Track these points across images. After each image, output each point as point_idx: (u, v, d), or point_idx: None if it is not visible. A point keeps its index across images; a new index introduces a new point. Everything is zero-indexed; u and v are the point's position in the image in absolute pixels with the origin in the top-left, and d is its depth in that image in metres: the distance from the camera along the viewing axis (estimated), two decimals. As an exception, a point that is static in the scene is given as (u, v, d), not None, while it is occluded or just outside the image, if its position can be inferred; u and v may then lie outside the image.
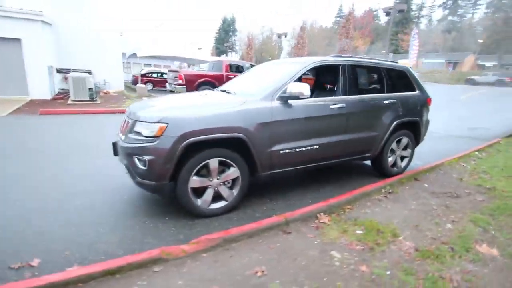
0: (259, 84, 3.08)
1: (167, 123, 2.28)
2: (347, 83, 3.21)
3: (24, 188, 3.01)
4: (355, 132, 3.27)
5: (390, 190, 3.21)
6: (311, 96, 3.00)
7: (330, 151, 3.14)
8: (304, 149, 2.90)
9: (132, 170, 2.42)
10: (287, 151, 2.79)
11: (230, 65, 10.55)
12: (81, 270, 1.68)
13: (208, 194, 2.52)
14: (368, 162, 3.92)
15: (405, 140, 3.76)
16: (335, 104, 3.05)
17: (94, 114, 7.90)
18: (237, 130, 2.48)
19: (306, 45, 46.31)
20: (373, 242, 2.17)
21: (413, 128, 3.82)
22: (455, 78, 33.11)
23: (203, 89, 10.02)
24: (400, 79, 3.77)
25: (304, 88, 2.64)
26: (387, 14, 18.92)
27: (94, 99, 9.22)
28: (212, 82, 10.04)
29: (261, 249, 2.07)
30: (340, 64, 3.20)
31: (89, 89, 8.96)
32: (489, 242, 2.18)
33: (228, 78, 10.33)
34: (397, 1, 70.50)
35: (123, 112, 8.07)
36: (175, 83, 9.91)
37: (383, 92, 3.54)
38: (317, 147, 2.98)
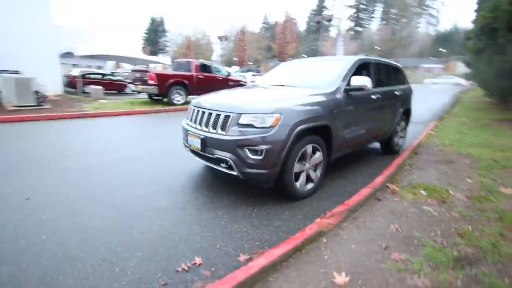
0: (318, 78, 3.42)
1: (281, 114, 2.45)
2: (376, 78, 3.86)
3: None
4: (384, 117, 3.96)
5: (410, 162, 4.03)
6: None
7: (369, 135, 3.74)
8: (357, 133, 3.41)
9: (238, 161, 2.46)
10: (350, 135, 3.25)
11: (199, 65, 10.32)
12: (276, 251, 1.77)
13: (303, 177, 2.77)
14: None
15: (403, 124, 4.70)
16: (373, 94, 3.66)
17: (62, 120, 6.76)
18: (324, 118, 2.81)
19: (247, 47, 47.58)
20: (440, 198, 2.82)
21: (408, 113, 4.79)
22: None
23: (175, 90, 9.57)
24: (399, 75, 4.68)
25: (367, 81, 3.14)
26: (318, 22, 21.52)
27: (41, 103, 7.76)
28: (183, 82, 9.66)
29: (378, 213, 2.47)
30: (371, 62, 3.84)
31: (35, 92, 7.51)
32: (504, 186, 3.10)
33: (198, 79, 10.13)
34: (313, 12, 79.80)
35: (94, 115, 7.24)
36: (146, 84, 9.11)
37: (394, 85, 4.36)
38: (364, 131, 3.54)
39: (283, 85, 3.47)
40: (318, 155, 2.86)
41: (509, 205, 2.62)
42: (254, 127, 2.44)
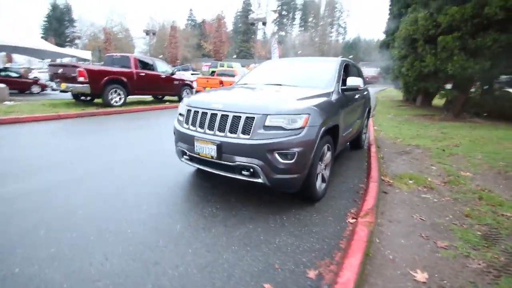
0: (313, 78, 3.42)
1: (309, 114, 2.34)
2: (350, 77, 4.14)
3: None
4: (360, 115, 4.29)
5: (380, 155, 4.49)
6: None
7: (354, 132, 3.99)
8: (349, 131, 3.60)
9: (267, 167, 2.25)
10: (345, 133, 3.39)
11: (139, 61, 9.12)
12: (353, 261, 1.66)
13: (320, 178, 2.74)
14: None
15: (366, 121, 5.21)
16: (356, 94, 3.91)
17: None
18: (336, 118, 2.85)
19: (179, 44, 44.65)
20: (426, 185, 3.21)
21: (369, 110, 5.33)
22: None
23: (112, 89, 8.20)
24: (362, 75, 5.15)
25: (360, 82, 3.32)
26: (252, 24, 22.01)
27: None
28: (122, 80, 8.37)
29: (394, 205, 2.63)
30: (350, 63, 4.08)
31: None
32: (462, 170, 3.75)
33: (139, 76, 8.98)
34: (239, 13, 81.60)
35: (7, 122, 5.56)
36: (73, 81, 7.46)
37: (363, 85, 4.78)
38: (351, 129, 3.75)
39: (280, 85, 3.36)
40: (329, 154, 2.87)
41: (476, 186, 3.17)
42: (283, 129, 2.27)
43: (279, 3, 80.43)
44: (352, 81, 3.28)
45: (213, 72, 25.39)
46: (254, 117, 2.29)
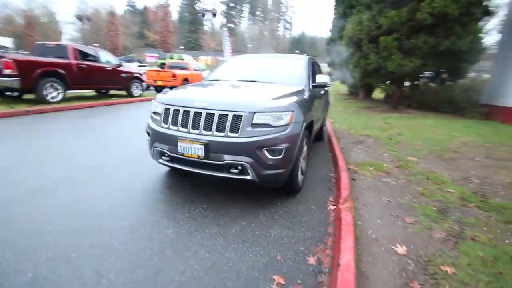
0: (286, 75, 3.52)
1: (293, 111, 2.45)
2: (316, 74, 4.40)
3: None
4: (323, 109, 4.60)
5: (341, 146, 4.91)
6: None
7: (318, 127, 4.27)
8: (317, 125, 3.85)
9: (256, 164, 2.31)
10: (315, 128, 3.62)
11: (79, 51, 8.05)
12: (347, 243, 1.84)
13: (299, 171, 2.90)
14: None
15: (326, 115, 5.62)
16: (321, 90, 4.18)
17: None
18: (312, 114, 3.04)
19: (119, 32, 40.23)
20: (383, 170, 3.66)
21: (328, 105, 5.75)
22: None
23: (47, 83, 7.11)
24: (320, 71, 5.49)
25: (328, 78, 3.55)
26: (203, 15, 21.27)
27: None
28: (59, 72, 7.31)
29: (363, 191, 2.95)
30: (314, 61, 4.32)
31: None
32: (408, 155, 4.35)
33: (80, 68, 7.98)
34: (184, 3, 77.83)
35: None
36: None
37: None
38: (318, 123, 4.02)
39: (255, 81, 3.39)
40: (305, 148, 3.06)
41: (422, 168, 3.73)
42: (270, 126, 2.34)
43: (226, -6, 79.05)
44: (321, 78, 3.51)
45: (162, 64, 24.03)
46: (241, 115, 2.30)
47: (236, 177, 2.39)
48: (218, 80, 3.59)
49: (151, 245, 1.91)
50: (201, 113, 2.38)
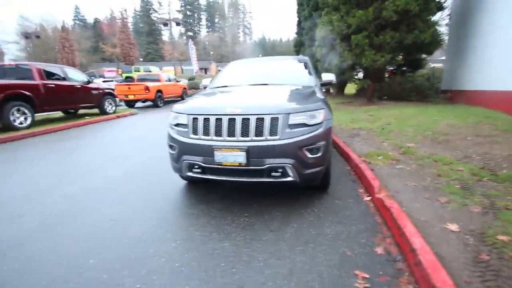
0: (292, 76, 3.57)
1: (324, 108, 2.49)
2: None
3: None
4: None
5: (343, 140, 5.08)
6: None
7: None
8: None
9: (298, 165, 2.31)
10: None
11: (44, 71, 7.34)
12: (410, 229, 1.91)
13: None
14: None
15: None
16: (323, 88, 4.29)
17: None
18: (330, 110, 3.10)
19: (75, 47, 37.30)
20: (393, 158, 3.85)
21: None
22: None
23: (13, 108, 6.36)
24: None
25: (333, 76, 3.67)
26: (165, 24, 20.72)
27: None
28: (26, 95, 6.59)
29: (388, 178, 3.08)
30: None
31: None
32: (407, 142, 4.64)
33: (48, 88, 7.31)
34: (137, 13, 75.33)
35: None
36: None
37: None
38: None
39: (266, 84, 3.39)
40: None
41: (424, 152, 4.01)
42: (306, 125, 2.35)
43: (182, 3, 78.18)
44: (327, 76, 3.62)
45: (127, 77, 22.92)
46: (278, 117, 2.29)
47: (276, 180, 2.36)
48: (226, 86, 3.53)
49: (216, 261, 1.81)
50: (235, 119, 2.32)
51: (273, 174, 2.34)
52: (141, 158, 4.42)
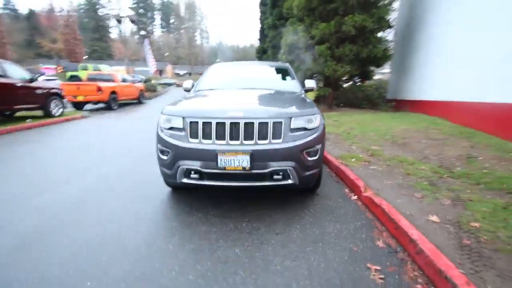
0: (277, 81, 3.69)
1: (319, 113, 2.62)
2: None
3: None
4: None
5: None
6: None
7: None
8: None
9: (299, 167, 2.40)
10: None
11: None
12: (405, 223, 2.12)
13: (316, 170, 3.11)
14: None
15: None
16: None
17: None
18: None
19: (6, 39, 31.83)
20: (365, 160, 4.22)
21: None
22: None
23: None
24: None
25: (314, 83, 3.87)
26: (119, 21, 19.21)
27: None
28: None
29: (366, 179, 3.36)
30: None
31: None
32: (372, 145, 5.10)
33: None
34: (82, 7, 68.78)
35: None
36: None
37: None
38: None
39: (254, 88, 3.42)
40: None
41: (389, 154, 4.47)
42: (306, 129, 2.46)
43: (134, 0, 73.87)
44: (309, 83, 3.81)
45: (72, 76, 20.60)
46: (281, 122, 2.35)
47: (277, 183, 2.41)
48: (213, 89, 3.47)
49: (233, 269, 1.77)
50: (238, 123, 2.31)
51: (275, 177, 2.38)
52: (106, 169, 4.03)
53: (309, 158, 2.45)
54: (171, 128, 2.50)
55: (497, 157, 3.65)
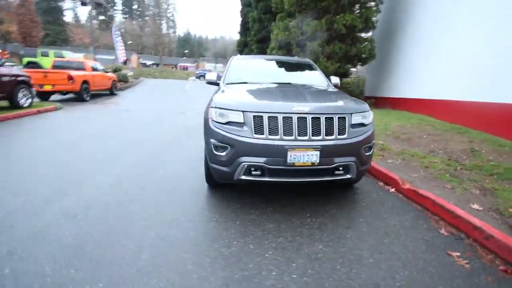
0: (307, 76, 3.69)
1: (369, 110, 2.69)
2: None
3: None
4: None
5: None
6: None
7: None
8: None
9: (359, 162, 2.47)
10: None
11: None
12: (459, 211, 2.31)
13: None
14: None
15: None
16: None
17: None
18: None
19: None
20: (378, 154, 4.46)
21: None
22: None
23: None
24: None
25: (338, 80, 3.94)
26: (83, 4, 17.37)
27: None
28: None
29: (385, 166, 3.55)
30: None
31: None
32: (379, 140, 5.37)
33: None
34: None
35: None
36: None
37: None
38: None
39: (290, 83, 3.40)
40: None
41: (396, 148, 4.77)
42: (363, 125, 2.52)
43: (92, -18, 67.42)
44: (334, 79, 3.89)
45: (29, 62, 18.32)
46: (345, 117, 2.39)
47: (337, 178, 2.45)
48: (246, 83, 3.35)
49: (329, 265, 1.77)
50: (305, 118, 2.28)
51: (337, 172, 2.42)
52: (115, 171, 3.71)
53: (366, 154, 2.53)
54: (228, 123, 2.39)
55: (497, 151, 4.12)
